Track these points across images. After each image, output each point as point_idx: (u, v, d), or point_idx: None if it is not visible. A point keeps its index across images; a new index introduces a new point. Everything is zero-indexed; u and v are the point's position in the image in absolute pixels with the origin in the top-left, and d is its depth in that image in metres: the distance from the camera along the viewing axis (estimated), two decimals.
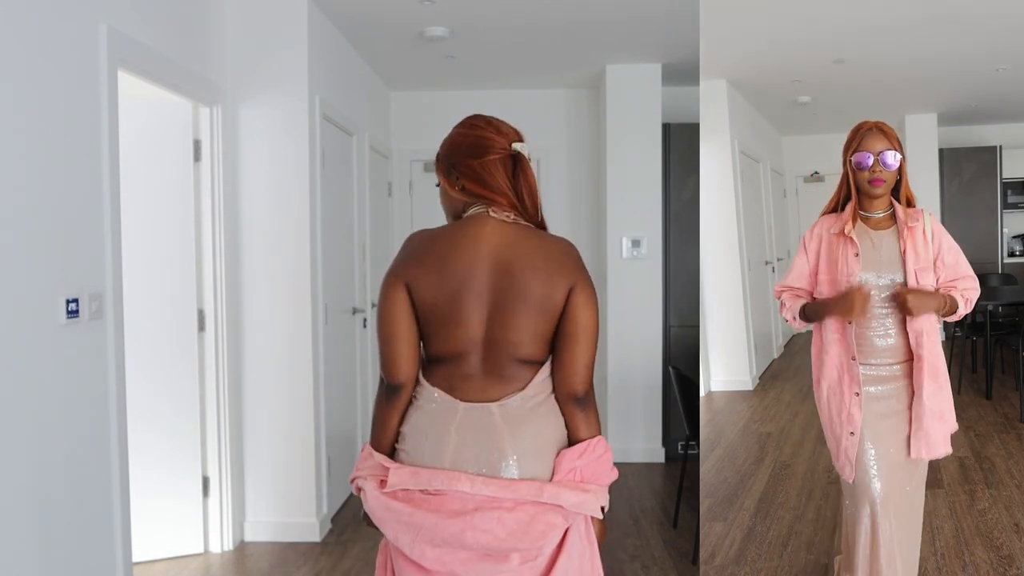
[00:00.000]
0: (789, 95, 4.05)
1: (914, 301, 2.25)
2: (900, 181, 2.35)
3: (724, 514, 3.49)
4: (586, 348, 1.67)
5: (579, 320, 1.66)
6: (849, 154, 2.34)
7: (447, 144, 1.78)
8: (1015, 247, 4.27)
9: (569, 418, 1.70)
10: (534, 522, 1.58)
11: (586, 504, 1.64)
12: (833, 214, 2.45)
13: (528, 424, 1.65)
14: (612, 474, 1.73)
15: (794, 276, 2.50)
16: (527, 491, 1.59)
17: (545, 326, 1.66)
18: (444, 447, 1.64)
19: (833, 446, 2.46)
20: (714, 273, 3.84)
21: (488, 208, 1.70)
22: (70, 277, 2.52)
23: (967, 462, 3.80)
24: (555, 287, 1.64)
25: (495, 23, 4.20)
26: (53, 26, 2.44)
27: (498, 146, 1.71)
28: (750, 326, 3.85)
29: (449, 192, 1.75)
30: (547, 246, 1.69)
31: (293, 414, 3.79)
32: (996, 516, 3.39)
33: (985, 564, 3.05)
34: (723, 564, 3.18)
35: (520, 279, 1.64)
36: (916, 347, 2.30)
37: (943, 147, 4.16)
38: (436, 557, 1.60)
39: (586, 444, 1.68)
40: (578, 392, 1.67)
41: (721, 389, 3.91)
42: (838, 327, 2.39)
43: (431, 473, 1.62)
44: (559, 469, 1.65)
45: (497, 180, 1.69)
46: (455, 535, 1.57)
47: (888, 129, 2.31)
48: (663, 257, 5.14)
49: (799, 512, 3.47)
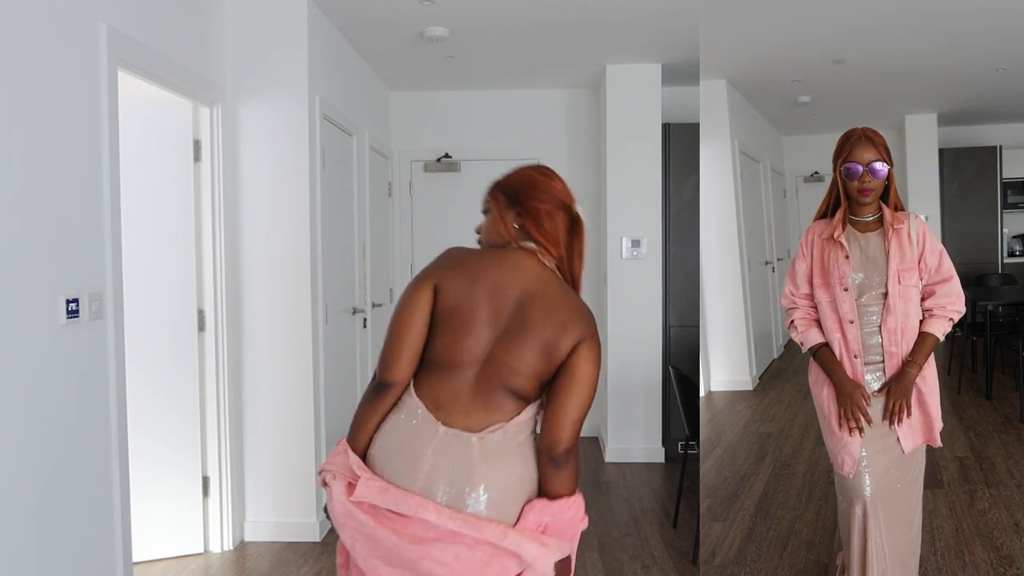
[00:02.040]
0: (789, 95, 4.05)
1: (902, 398, 2.37)
2: (888, 187, 2.43)
3: (724, 514, 3.50)
4: (578, 404, 1.66)
5: (577, 373, 1.66)
6: (839, 163, 2.42)
7: (518, 181, 1.82)
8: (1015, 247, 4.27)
9: (542, 471, 1.68)
10: (491, 563, 1.59)
11: (543, 558, 1.61)
12: (824, 220, 2.54)
13: (503, 461, 1.66)
14: (581, 525, 1.72)
15: (800, 280, 2.57)
16: (491, 533, 1.60)
17: (544, 366, 1.68)
18: (418, 470, 1.65)
19: (833, 442, 2.49)
20: (714, 273, 3.84)
21: (537, 251, 1.75)
22: (70, 277, 2.52)
23: (967, 462, 3.80)
24: (564, 336, 1.67)
25: (495, 23, 4.20)
26: (53, 26, 2.44)
27: (567, 201, 1.79)
28: (750, 326, 3.85)
29: (503, 223, 1.78)
30: (571, 300, 1.73)
31: (293, 414, 3.79)
32: (996, 516, 3.39)
33: (985, 564, 3.05)
34: (723, 564, 3.18)
35: (536, 316, 1.68)
36: (889, 345, 2.40)
37: (943, 147, 4.16)
38: (387, 575, 1.62)
39: (563, 503, 1.67)
40: (556, 449, 1.65)
41: (721, 389, 3.91)
42: (838, 327, 2.44)
43: (401, 495, 1.63)
44: (525, 516, 1.65)
45: (557, 231, 1.77)
46: (412, 561, 1.58)
47: (877, 137, 2.39)
48: (663, 257, 5.14)
49: (799, 512, 3.47)
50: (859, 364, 2.41)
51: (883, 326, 2.40)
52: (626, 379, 5.12)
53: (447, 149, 5.73)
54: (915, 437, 2.44)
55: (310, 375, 3.79)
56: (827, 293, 2.47)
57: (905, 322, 2.39)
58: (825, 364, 2.48)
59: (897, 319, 2.38)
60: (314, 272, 3.83)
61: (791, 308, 2.60)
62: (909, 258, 2.38)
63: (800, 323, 2.56)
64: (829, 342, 2.48)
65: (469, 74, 5.28)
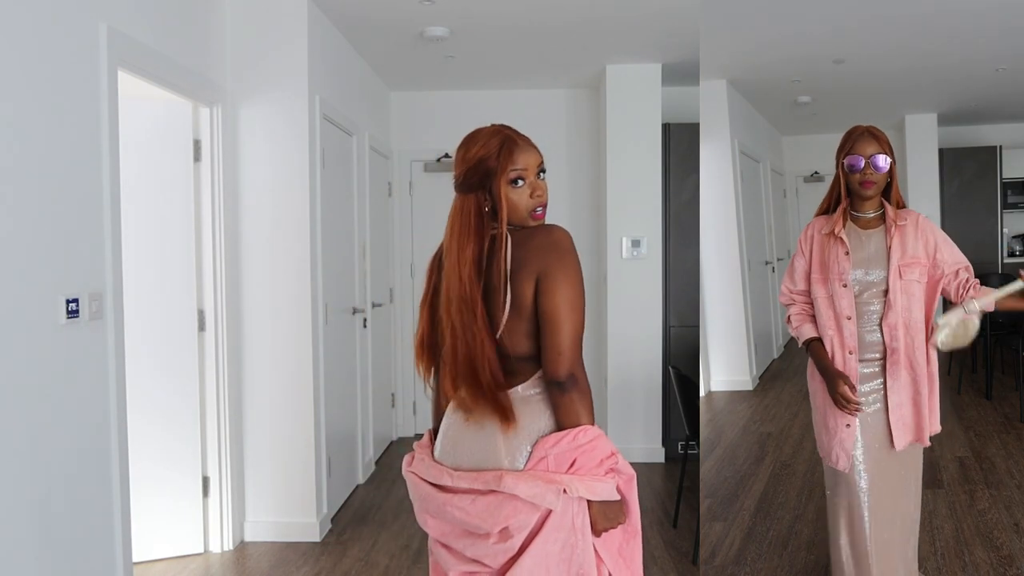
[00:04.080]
0: (789, 95, 4.05)
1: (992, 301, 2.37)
2: (891, 184, 2.44)
3: (724, 514, 3.50)
4: (556, 332, 1.67)
5: (545, 307, 1.68)
6: (842, 157, 2.43)
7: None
8: (1015, 247, 4.27)
9: (553, 405, 1.72)
10: (502, 506, 1.67)
11: (543, 496, 1.64)
12: (825, 216, 2.55)
13: (519, 416, 1.72)
14: (609, 461, 1.72)
15: (798, 277, 2.59)
16: (489, 480, 1.68)
17: (526, 325, 1.71)
18: (445, 443, 1.83)
19: (825, 437, 2.51)
20: (714, 273, 3.84)
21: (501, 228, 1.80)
22: (70, 277, 2.52)
23: (967, 462, 3.80)
24: (523, 285, 1.69)
25: (495, 23, 4.20)
26: (53, 26, 2.44)
27: (456, 170, 1.84)
28: (750, 326, 3.85)
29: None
30: (529, 239, 1.73)
31: (293, 414, 3.79)
32: (996, 516, 3.39)
33: (985, 564, 3.05)
34: (723, 564, 3.18)
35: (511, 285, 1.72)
36: (890, 340, 2.40)
37: (943, 147, 4.16)
38: (435, 526, 1.79)
39: (564, 433, 1.69)
40: (556, 376, 1.68)
41: (721, 389, 3.91)
42: (834, 324, 2.45)
43: (429, 465, 1.83)
44: (533, 457, 1.70)
45: (494, 199, 1.80)
46: (440, 507, 1.75)
47: (879, 133, 2.40)
48: (663, 257, 5.14)
49: (799, 512, 3.47)
50: (853, 360, 2.42)
51: (883, 321, 2.40)
52: (626, 379, 5.12)
53: (447, 149, 5.73)
54: (907, 434, 2.44)
55: (310, 375, 3.79)
56: (824, 289, 2.48)
57: (908, 317, 2.39)
58: (818, 358, 2.49)
59: (898, 314, 2.38)
60: (314, 272, 3.83)
61: (788, 304, 2.62)
62: (911, 254, 2.38)
63: (795, 318, 2.59)
64: (822, 338, 2.49)
65: (469, 74, 5.28)
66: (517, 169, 1.73)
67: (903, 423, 2.43)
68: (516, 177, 1.73)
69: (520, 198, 1.73)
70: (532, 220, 1.75)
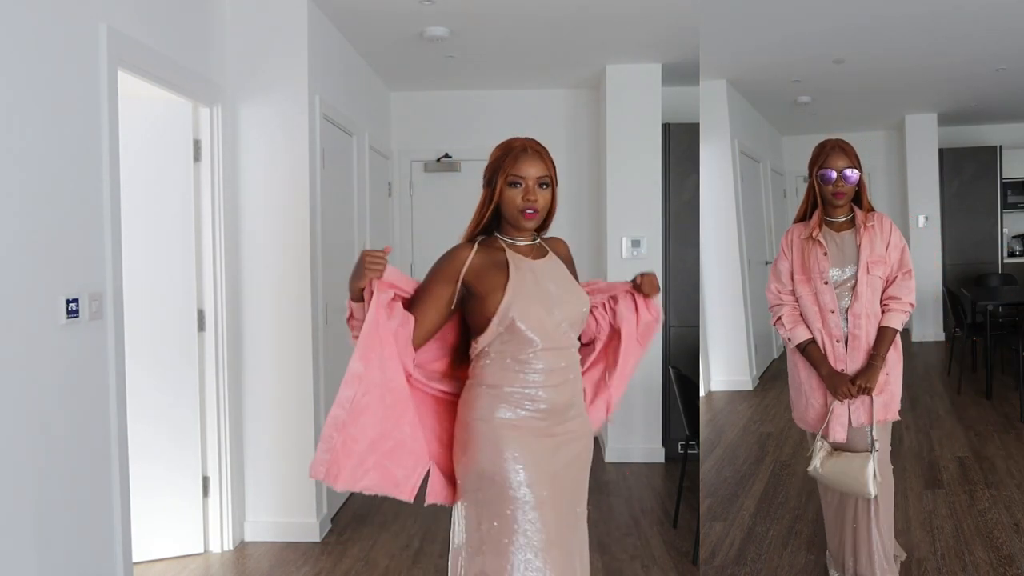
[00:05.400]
0: (789, 95, 4.05)
1: (871, 382, 2.65)
2: (860, 192, 2.75)
3: (724, 514, 3.50)
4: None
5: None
6: (815, 170, 2.74)
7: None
8: (1015, 247, 4.28)
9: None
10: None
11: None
12: (802, 223, 2.83)
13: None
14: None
15: (785, 278, 2.83)
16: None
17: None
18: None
19: (812, 414, 2.80)
20: (714, 273, 3.84)
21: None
22: (70, 277, 2.52)
23: (967, 462, 3.81)
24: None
25: (495, 23, 4.20)
26: (53, 26, 2.44)
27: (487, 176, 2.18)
28: (750, 326, 3.85)
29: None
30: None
31: (293, 414, 3.79)
32: (996, 516, 3.39)
33: (985, 564, 3.05)
34: (723, 564, 3.18)
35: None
36: (852, 328, 2.69)
37: (943, 147, 4.16)
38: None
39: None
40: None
41: (721, 389, 3.92)
42: (819, 317, 2.73)
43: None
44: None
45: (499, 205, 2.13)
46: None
47: (848, 148, 2.71)
48: (663, 257, 5.14)
49: (799, 512, 3.47)
50: (840, 348, 2.70)
51: (849, 311, 2.68)
52: None
53: (447, 149, 5.73)
54: (879, 413, 2.69)
55: (310, 375, 3.79)
56: (808, 287, 2.75)
57: (869, 308, 2.68)
58: (813, 360, 2.75)
59: (862, 305, 2.67)
60: (314, 272, 3.82)
61: (777, 304, 2.84)
62: (878, 252, 2.69)
63: (788, 320, 2.80)
64: (811, 331, 2.75)
65: (469, 74, 5.27)
66: (516, 174, 2.02)
67: (862, 405, 2.68)
68: (514, 180, 2.03)
69: (514, 197, 2.03)
70: (523, 219, 2.04)
